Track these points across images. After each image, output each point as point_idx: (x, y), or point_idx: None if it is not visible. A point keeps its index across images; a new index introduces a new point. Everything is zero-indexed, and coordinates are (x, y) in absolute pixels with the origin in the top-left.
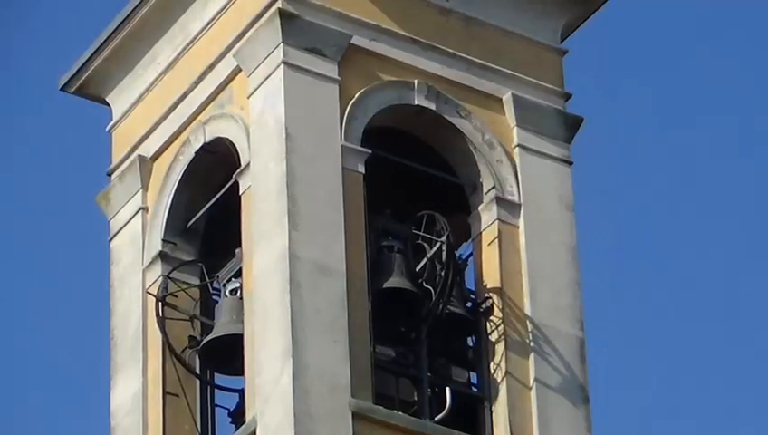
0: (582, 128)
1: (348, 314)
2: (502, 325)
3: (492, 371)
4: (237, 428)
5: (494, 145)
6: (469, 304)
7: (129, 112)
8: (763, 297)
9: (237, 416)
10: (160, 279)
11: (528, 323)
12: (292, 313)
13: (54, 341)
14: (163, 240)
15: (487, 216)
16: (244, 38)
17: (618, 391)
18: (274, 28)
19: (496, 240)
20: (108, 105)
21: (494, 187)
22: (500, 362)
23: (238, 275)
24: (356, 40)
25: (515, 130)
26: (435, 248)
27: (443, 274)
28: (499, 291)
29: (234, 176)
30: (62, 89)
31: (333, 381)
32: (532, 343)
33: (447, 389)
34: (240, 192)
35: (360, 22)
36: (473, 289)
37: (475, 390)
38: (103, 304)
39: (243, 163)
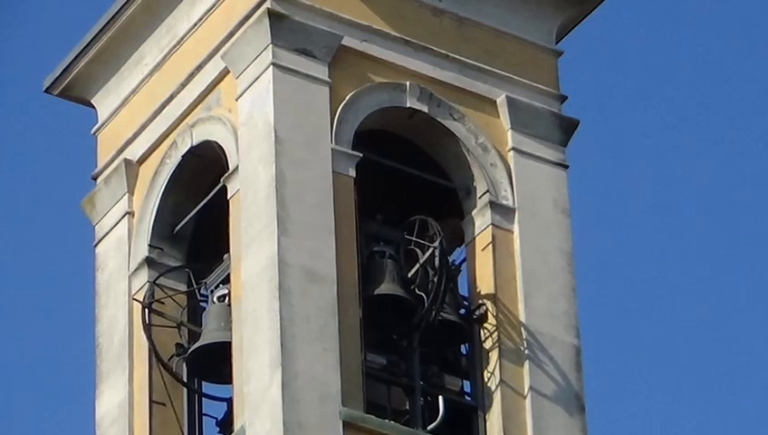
0: (578, 131)
1: (338, 321)
2: (496, 332)
3: (486, 379)
4: None
5: (488, 148)
6: (462, 311)
7: (115, 115)
8: (762, 303)
9: (225, 425)
10: (147, 285)
11: (523, 330)
12: (281, 320)
13: (39, 348)
14: (149, 245)
15: (481, 220)
16: (233, 39)
17: (614, 399)
18: (263, 29)
19: (490, 245)
20: (93, 107)
21: (487, 191)
22: (494, 369)
23: (226, 281)
24: (347, 41)
25: (510, 132)
26: (427, 254)
27: (436, 280)
28: (493, 297)
29: (222, 179)
30: (46, 91)
31: (323, 389)
32: (526, 351)
33: (440, 397)
34: (228, 196)
35: (350, 22)
36: (466, 295)
37: (469, 398)
38: (88, 310)
39: (231, 167)
